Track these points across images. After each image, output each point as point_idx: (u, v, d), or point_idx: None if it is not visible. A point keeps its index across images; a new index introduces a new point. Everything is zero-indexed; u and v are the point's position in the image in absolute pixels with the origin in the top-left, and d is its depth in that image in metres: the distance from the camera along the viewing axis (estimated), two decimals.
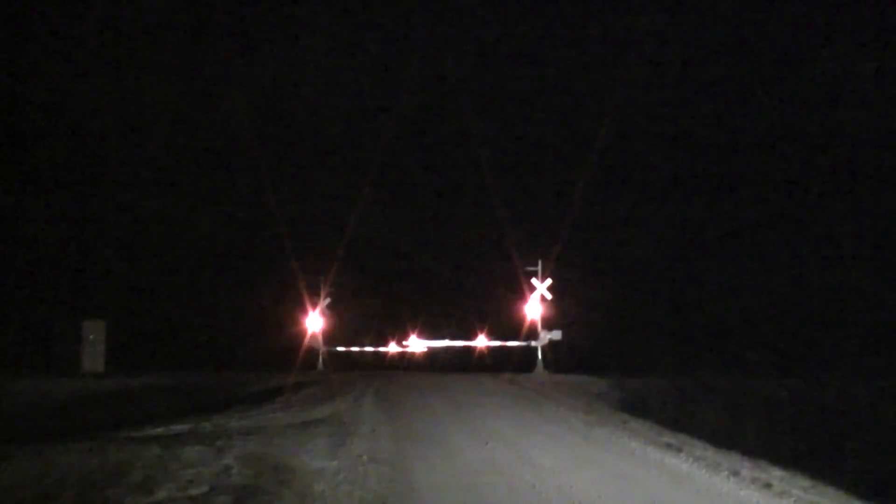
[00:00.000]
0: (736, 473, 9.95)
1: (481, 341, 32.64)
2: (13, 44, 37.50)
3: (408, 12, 46.69)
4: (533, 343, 30.26)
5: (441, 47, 45.39)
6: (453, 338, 33.65)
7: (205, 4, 43.69)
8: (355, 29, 46.21)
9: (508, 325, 32.80)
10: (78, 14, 40.10)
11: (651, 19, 40.24)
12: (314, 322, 32.87)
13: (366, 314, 36.89)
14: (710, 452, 11.70)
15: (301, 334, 33.41)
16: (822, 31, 36.55)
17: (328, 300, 33.43)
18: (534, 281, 30.41)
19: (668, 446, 12.11)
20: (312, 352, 32.74)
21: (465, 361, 33.41)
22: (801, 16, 37.61)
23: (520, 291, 31.37)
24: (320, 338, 33.07)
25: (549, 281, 30.29)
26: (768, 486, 9.29)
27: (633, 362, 29.37)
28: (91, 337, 29.34)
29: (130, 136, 40.74)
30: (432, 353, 34.87)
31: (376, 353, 35.03)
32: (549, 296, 30.29)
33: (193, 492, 8.55)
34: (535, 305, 30.36)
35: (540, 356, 29.77)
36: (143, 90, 40.31)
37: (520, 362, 30.48)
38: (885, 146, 32.20)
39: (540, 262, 30.51)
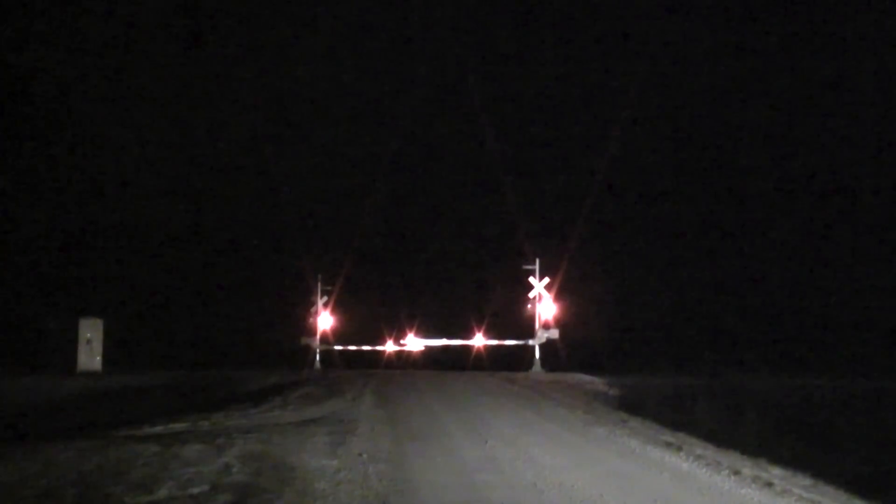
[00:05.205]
0: (737, 472, 9.94)
1: (478, 340, 32.60)
2: (14, 44, 37.46)
3: (413, 12, 46.83)
4: (530, 342, 30.25)
5: (447, 47, 45.48)
6: (450, 337, 33.61)
7: (209, 6, 43.77)
8: (360, 29, 46.33)
9: (507, 324, 32.81)
10: (80, 14, 40.11)
11: (654, 20, 40.42)
12: (312, 320, 32.90)
13: (364, 313, 36.86)
14: (710, 451, 11.70)
15: (299, 333, 33.43)
16: (823, 31, 36.62)
17: (325, 299, 33.45)
18: (531, 280, 30.41)
19: (668, 445, 12.10)
20: (310, 350, 32.76)
21: (462, 360, 33.38)
22: (801, 15, 37.70)
23: (519, 291, 31.40)
24: (318, 336, 33.10)
25: (546, 280, 30.29)
26: (769, 484, 9.28)
27: (631, 361, 29.38)
28: (88, 336, 29.28)
29: (128, 135, 40.74)
30: (429, 351, 34.85)
31: (374, 352, 34.99)
32: (546, 294, 30.30)
33: (194, 490, 8.53)
34: (533, 304, 30.39)
35: (537, 355, 29.77)
36: (144, 89, 40.35)
37: (517, 361, 30.49)
38: (885, 146, 32.27)
39: (538, 261, 30.50)
